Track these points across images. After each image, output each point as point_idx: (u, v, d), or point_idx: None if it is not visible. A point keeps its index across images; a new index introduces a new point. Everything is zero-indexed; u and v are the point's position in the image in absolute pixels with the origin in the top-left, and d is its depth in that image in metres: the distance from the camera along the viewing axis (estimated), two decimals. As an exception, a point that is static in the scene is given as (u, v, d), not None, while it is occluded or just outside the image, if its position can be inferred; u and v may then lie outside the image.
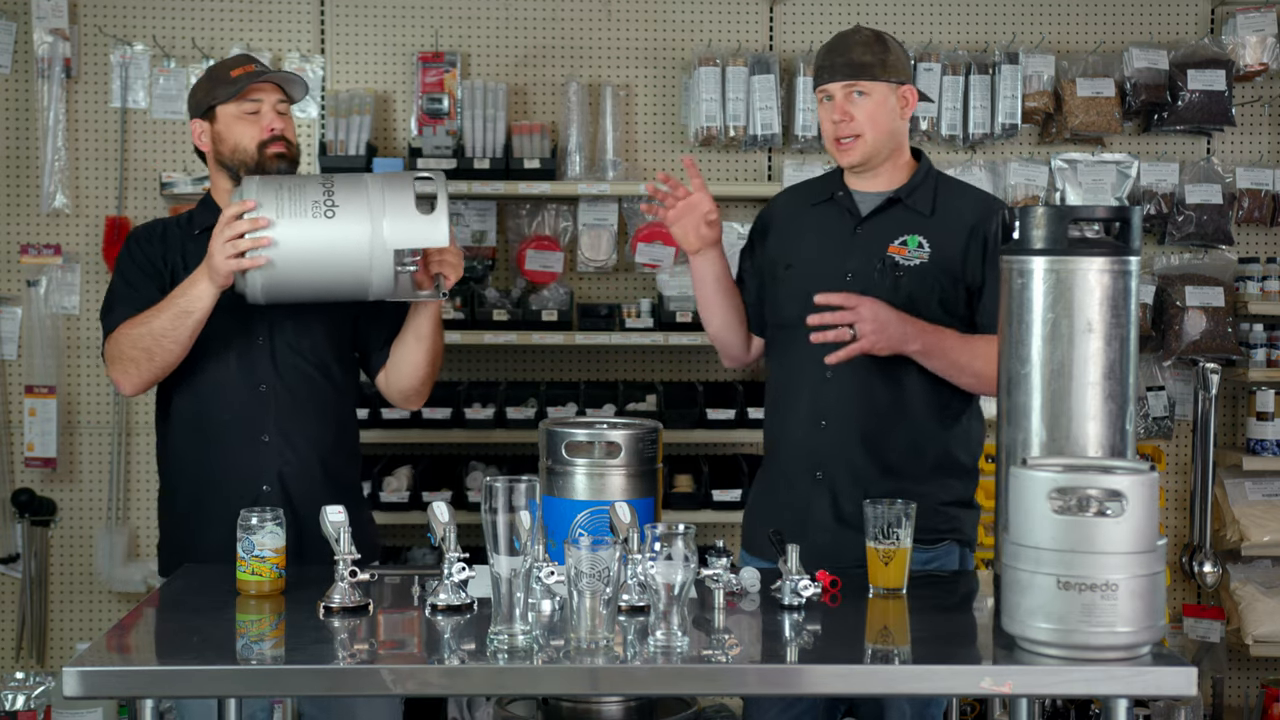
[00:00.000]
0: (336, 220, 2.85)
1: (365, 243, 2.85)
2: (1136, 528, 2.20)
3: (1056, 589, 2.21)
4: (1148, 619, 2.22)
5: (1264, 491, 4.76)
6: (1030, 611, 2.24)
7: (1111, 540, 2.19)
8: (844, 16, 4.74)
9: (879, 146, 2.99)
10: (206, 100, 3.08)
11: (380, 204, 2.87)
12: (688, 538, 2.24)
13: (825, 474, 2.98)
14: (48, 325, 4.62)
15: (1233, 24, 4.72)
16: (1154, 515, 2.23)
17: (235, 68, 3.09)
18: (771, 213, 3.19)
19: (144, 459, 4.67)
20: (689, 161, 3.10)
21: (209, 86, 3.09)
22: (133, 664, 2.33)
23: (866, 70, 2.97)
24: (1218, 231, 4.70)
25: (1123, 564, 2.20)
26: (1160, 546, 2.25)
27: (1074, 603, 2.20)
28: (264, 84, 3.06)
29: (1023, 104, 4.64)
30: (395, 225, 2.86)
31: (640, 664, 2.22)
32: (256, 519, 2.59)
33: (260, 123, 3.04)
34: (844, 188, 3.07)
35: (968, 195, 3.09)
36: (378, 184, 2.91)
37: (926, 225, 2.98)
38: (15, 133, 4.65)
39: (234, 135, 3.05)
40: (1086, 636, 2.21)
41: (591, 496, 2.90)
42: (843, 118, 2.97)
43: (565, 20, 4.73)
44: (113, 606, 4.69)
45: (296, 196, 2.87)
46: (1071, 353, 2.41)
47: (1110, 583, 2.19)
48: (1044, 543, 2.23)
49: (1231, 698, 4.86)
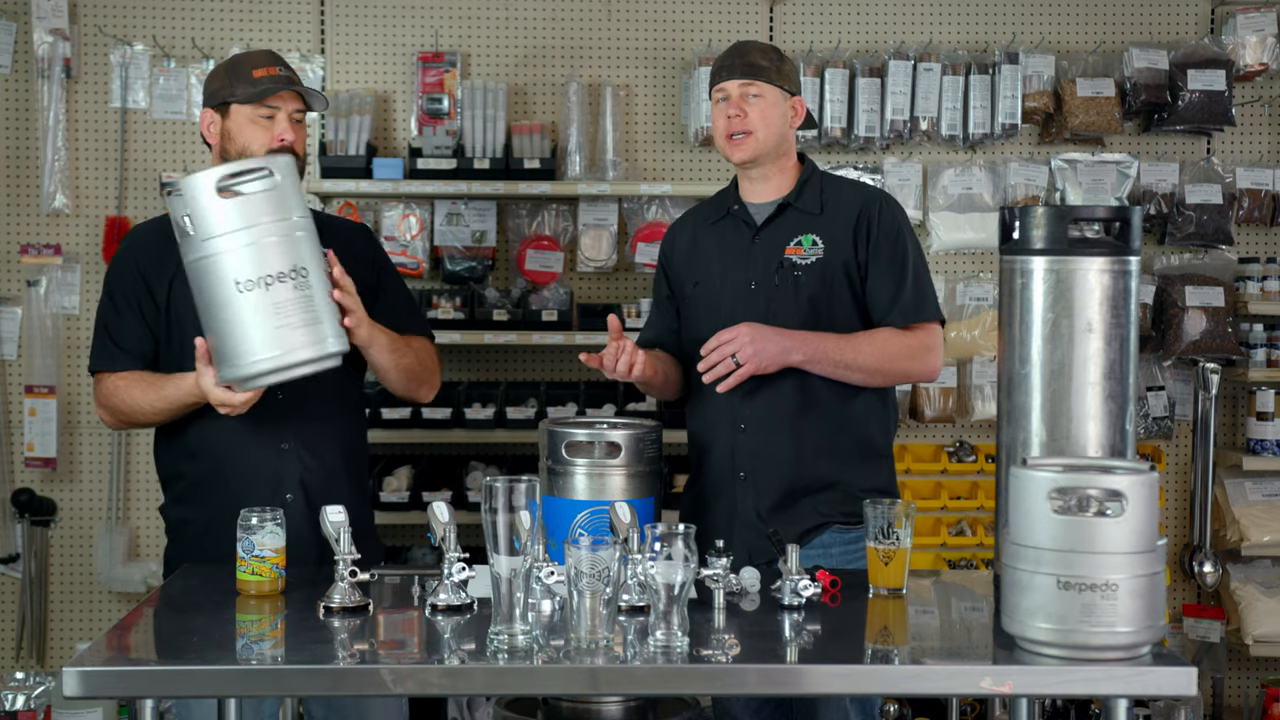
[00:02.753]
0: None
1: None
2: (1136, 528, 2.20)
3: (1056, 589, 2.22)
4: (1148, 619, 2.22)
5: (1264, 491, 4.76)
6: (1030, 611, 2.25)
7: (1111, 540, 2.20)
8: (844, 16, 4.74)
9: (768, 146, 3.11)
10: (223, 94, 3.00)
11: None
12: (688, 538, 2.24)
13: (747, 473, 3.08)
14: (48, 325, 4.62)
15: (1233, 24, 4.72)
16: (1154, 515, 2.24)
17: (259, 67, 3.00)
18: (674, 238, 3.32)
19: (144, 459, 4.67)
20: (613, 321, 3.10)
21: (228, 80, 3.01)
22: (133, 664, 2.33)
23: (763, 72, 3.10)
24: (1218, 231, 4.70)
25: (1123, 564, 2.20)
26: (1160, 546, 2.25)
27: (1074, 603, 2.21)
28: (285, 92, 2.99)
29: (1023, 104, 4.64)
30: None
31: (640, 664, 2.22)
32: (256, 519, 2.59)
33: (273, 129, 2.98)
34: (739, 201, 3.20)
35: (852, 189, 3.21)
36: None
37: (817, 223, 3.10)
38: (15, 133, 4.65)
39: (244, 136, 2.99)
40: (1086, 636, 2.21)
41: (591, 496, 2.91)
42: (737, 113, 3.08)
43: (565, 20, 4.73)
44: (113, 606, 4.69)
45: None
46: (1071, 353, 2.41)
47: (1110, 583, 2.19)
48: (1044, 543, 2.23)
49: (1231, 698, 4.86)
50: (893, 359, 3.03)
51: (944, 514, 4.64)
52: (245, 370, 2.75)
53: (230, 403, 2.81)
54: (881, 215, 3.08)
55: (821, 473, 3.05)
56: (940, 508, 4.60)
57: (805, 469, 3.06)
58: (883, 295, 3.05)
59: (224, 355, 2.77)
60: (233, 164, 2.79)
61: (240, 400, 2.80)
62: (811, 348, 3.00)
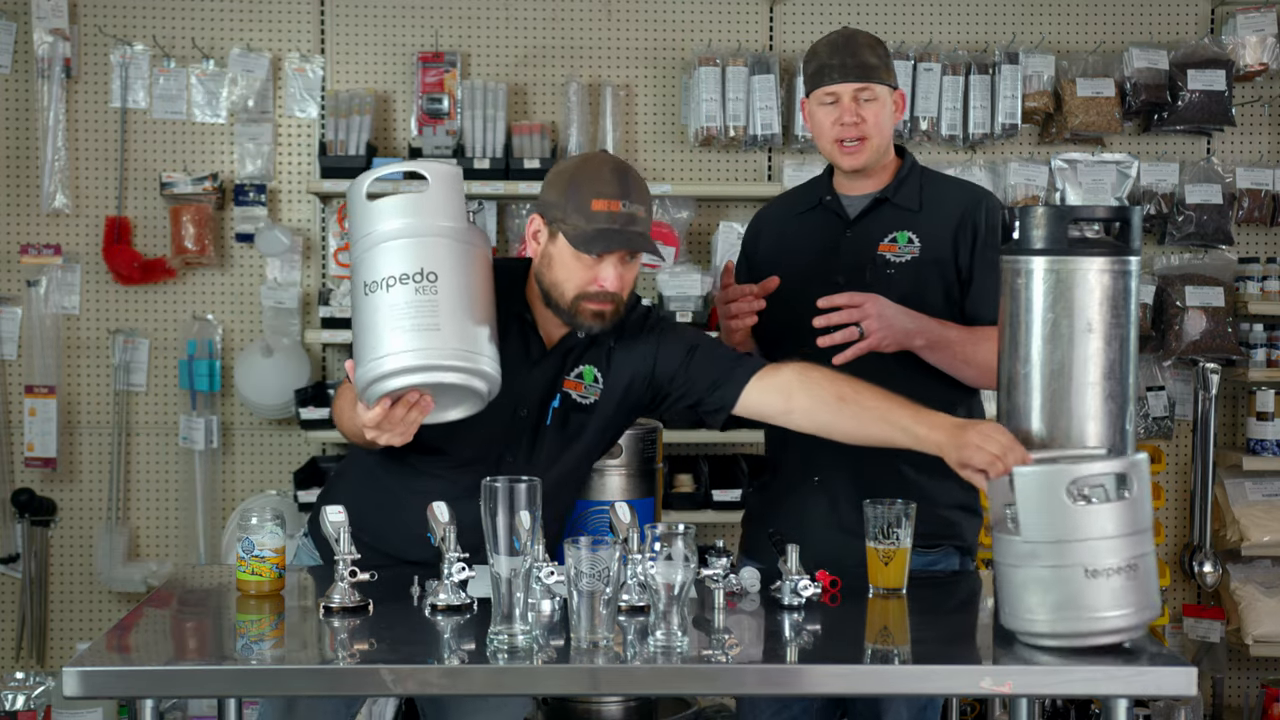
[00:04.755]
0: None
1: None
2: (1125, 511, 2.24)
3: (1050, 579, 2.24)
4: (1143, 599, 2.24)
5: (1264, 491, 4.76)
6: (1026, 604, 2.26)
7: (1102, 526, 2.23)
8: (844, 17, 4.74)
9: (881, 151, 2.96)
10: (555, 214, 2.65)
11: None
12: (688, 538, 2.24)
13: (823, 479, 2.95)
14: (48, 325, 4.62)
15: (1233, 24, 4.72)
16: (1143, 498, 2.26)
17: (600, 197, 2.61)
18: (760, 226, 3.17)
19: (144, 459, 4.67)
20: (730, 266, 2.98)
21: (564, 196, 2.63)
22: (133, 664, 2.32)
23: (875, 72, 2.93)
24: (1218, 231, 4.70)
25: (1115, 548, 2.23)
26: (1149, 526, 2.27)
27: (1068, 590, 2.23)
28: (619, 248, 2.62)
29: (1023, 104, 4.64)
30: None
31: (640, 664, 2.22)
32: (256, 519, 2.58)
33: (596, 271, 2.63)
34: (831, 192, 3.04)
35: (954, 187, 3.07)
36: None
37: (915, 221, 2.94)
38: (15, 133, 4.65)
39: (564, 269, 2.64)
40: (1084, 624, 2.23)
41: (591, 496, 2.91)
42: (855, 120, 2.90)
43: (565, 20, 4.73)
44: (113, 606, 4.69)
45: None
46: (1071, 353, 2.41)
47: (1105, 568, 2.22)
48: (1034, 535, 2.25)
49: (1231, 698, 4.86)
50: (995, 361, 2.77)
51: (944, 514, 4.63)
52: (358, 376, 2.50)
53: (365, 422, 2.50)
54: (989, 216, 2.93)
55: (901, 487, 2.81)
56: (940, 508, 4.60)
57: (884, 481, 2.83)
58: (989, 298, 2.79)
59: (356, 360, 2.55)
60: (384, 167, 2.63)
61: (370, 418, 2.48)
62: (935, 334, 2.84)
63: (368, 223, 2.53)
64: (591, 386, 2.75)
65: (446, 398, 2.52)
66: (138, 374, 4.65)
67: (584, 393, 2.74)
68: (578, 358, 2.76)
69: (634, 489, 2.92)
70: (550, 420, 2.74)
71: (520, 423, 2.73)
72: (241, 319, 4.69)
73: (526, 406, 2.73)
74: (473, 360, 2.49)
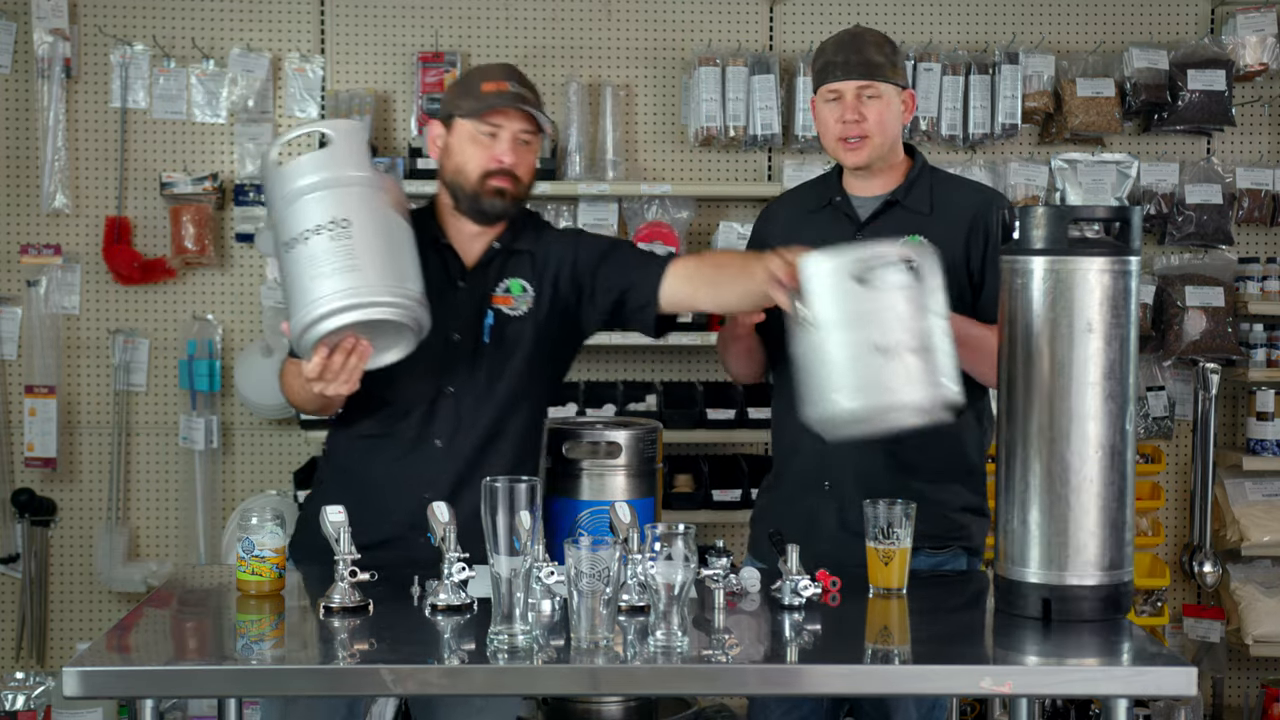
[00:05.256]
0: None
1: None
2: (914, 295, 2.39)
3: (844, 360, 2.38)
4: (936, 379, 2.38)
5: (1264, 491, 4.76)
6: (823, 390, 2.40)
7: (891, 304, 2.38)
8: (844, 16, 4.74)
9: (884, 149, 2.96)
10: (449, 107, 2.86)
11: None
12: (688, 538, 2.24)
13: (833, 483, 2.94)
14: (48, 325, 4.62)
15: (1233, 24, 4.72)
16: (934, 287, 2.41)
17: (489, 81, 2.83)
18: (768, 223, 3.16)
19: (144, 459, 4.67)
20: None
21: (456, 93, 2.87)
22: (133, 664, 2.32)
23: (879, 71, 2.93)
24: (1218, 231, 4.70)
25: (905, 327, 2.38)
26: (943, 314, 2.42)
27: (862, 369, 2.37)
28: (510, 110, 2.80)
29: (1023, 104, 4.64)
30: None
31: (640, 664, 2.22)
32: (256, 519, 2.58)
33: (493, 149, 2.80)
34: (841, 192, 3.04)
35: (965, 189, 3.07)
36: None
37: (926, 224, 2.93)
38: (15, 133, 4.65)
39: (463, 154, 2.82)
40: (881, 399, 2.37)
41: (591, 496, 2.91)
42: (856, 118, 2.91)
43: (565, 20, 4.73)
44: (113, 606, 4.69)
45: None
46: (1071, 353, 2.41)
47: (895, 345, 2.37)
48: (826, 317, 2.41)
49: (1231, 698, 4.86)
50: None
51: (944, 514, 4.64)
52: (291, 329, 2.60)
53: (307, 375, 2.59)
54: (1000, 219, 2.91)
55: (911, 491, 2.77)
56: (940, 508, 4.60)
57: (894, 485, 2.82)
58: (991, 298, 2.81)
59: (289, 316, 2.64)
60: (289, 133, 2.76)
61: (311, 369, 2.57)
62: (959, 328, 2.71)
63: (278, 186, 2.63)
64: (521, 297, 2.86)
65: (381, 338, 2.61)
66: (138, 374, 4.65)
67: (514, 305, 2.85)
68: (499, 272, 2.87)
69: (634, 489, 2.92)
70: (488, 339, 2.84)
71: (455, 348, 2.81)
72: (241, 319, 4.69)
73: (459, 330, 2.82)
74: (396, 293, 2.58)
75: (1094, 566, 2.41)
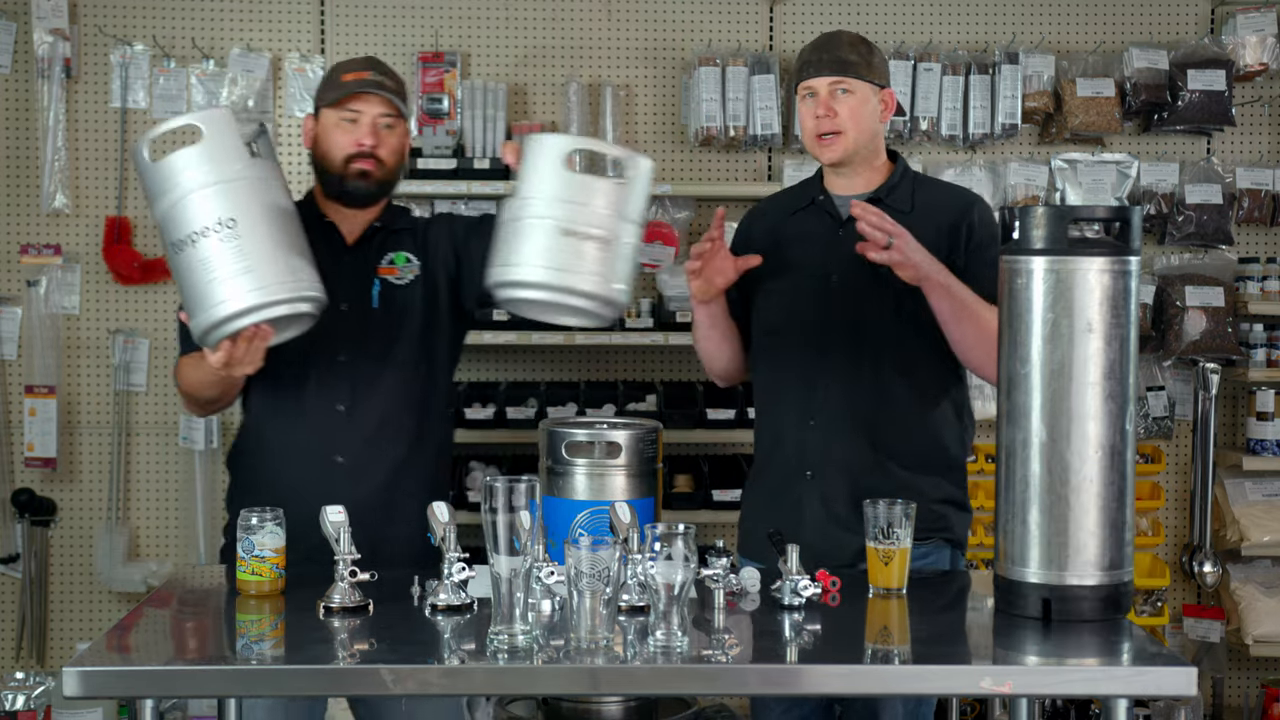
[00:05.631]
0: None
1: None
2: (613, 192, 2.54)
3: (557, 236, 2.50)
4: (610, 275, 2.53)
5: (1264, 491, 4.76)
6: (530, 255, 2.51)
7: (608, 200, 2.52)
8: (844, 16, 4.74)
9: (859, 145, 2.99)
10: (316, 101, 3.04)
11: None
12: (688, 538, 2.24)
13: (815, 473, 2.98)
14: (48, 325, 4.62)
15: (1233, 24, 4.72)
16: (638, 194, 2.58)
17: (349, 71, 2.99)
18: (751, 224, 3.20)
19: (144, 459, 4.67)
20: (720, 215, 3.02)
21: (321, 87, 3.05)
22: (133, 664, 2.33)
23: (852, 68, 2.98)
24: (1218, 231, 4.70)
25: (595, 218, 2.51)
26: (635, 221, 2.57)
27: (546, 243, 2.50)
28: (369, 94, 2.95)
29: (1023, 104, 4.64)
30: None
31: (640, 664, 2.22)
32: (256, 519, 2.58)
33: (354, 134, 2.95)
34: (824, 191, 3.08)
35: (946, 191, 3.13)
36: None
37: (907, 222, 2.93)
38: (15, 133, 4.65)
39: (328, 141, 2.97)
40: (576, 280, 2.50)
41: (591, 496, 2.91)
42: (826, 113, 2.97)
43: (565, 20, 4.73)
44: (113, 606, 4.69)
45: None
46: (1071, 353, 2.41)
47: (580, 232, 2.50)
48: (550, 194, 2.52)
49: (1231, 698, 4.86)
50: (994, 326, 2.75)
51: (944, 514, 4.63)
52: (193, 327, 2.68)
53: (213, 364, 2.70)
54: (982, 219, 2.99)
55: (891, 480, 2.90)
56: (940, 508, 4.60)
57: (875, 474, 2.92)
58: (985, 289, 2.84)
59: (189, 316, 2.71)
60: (158, 128, 2.76)
61: (216, 360, 2.68)
62: (950, 278, 2.87)
63: (157, 184, 2.68)
64: (406, 267, 3.03)
65: (281, 322, 2.72)
66: (138, 374, 4.65)
67: (400, 275, 3.02)
68: (382, 247, 3.05)
69: (634, 489, 2.92)
70: (377, 304, 3.00)
71: (344, 317, 2.95)
72: (241, 319, 4.69)
73: (345, 300, 2.96)
74: (292, 288, 2.67)
75: (1094, 566, 2.41)
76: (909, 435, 2.97)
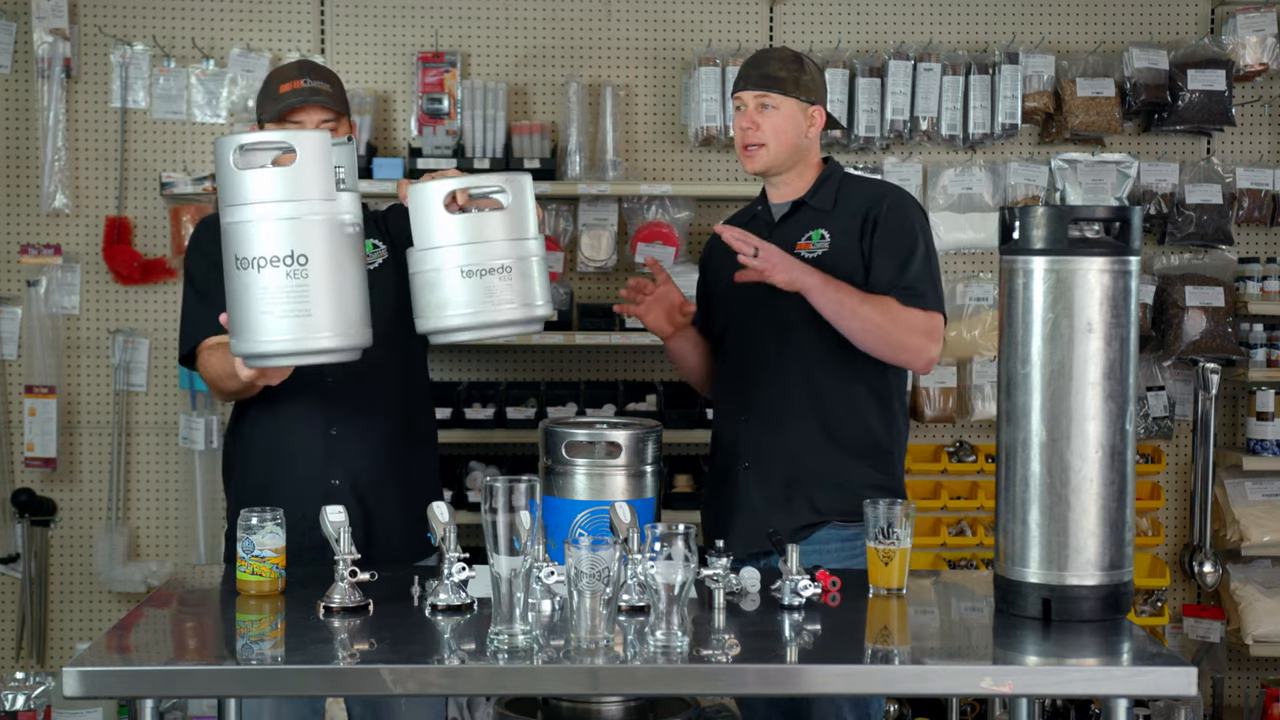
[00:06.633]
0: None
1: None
2: (514, 219, 2.64)
3: (461, 279, 2.62)
4: (540, 296, 2.69)
5: (1264, 491, 4.76)
6: (442, 304, 2.64)
7: (499, 229, 2.63)
8: (844, 16, 4.74)
9: (780, 158, 3.15)
10: (257, 114, 3.04)
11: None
12: (688, 538, 2.24)
13: (751, 463, 3.13)
14: (48, 325, 4.62)
15: (1233, 24, 4.72)
16: (525, 210, 2.68)
17: (285, 81, 2.99)
18: (711, 240, 3.38)
19: (144, 459, 4.67)
20: (652, 261, 3.29)
21: (260, 98, 3.04)
22: (133, 664, 2.33)
23: (778, 84, 3.13)
24: (1218, 231, 4.70)
25: (510, 249, 2.64)
26: (531, 235, 2.69)
27: (477, 288, 2.63)
28: (306, 105, 2.95)
29: (1023, 104, 4.64)
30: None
31: (640, 664, 2.22)
32: (256, 519, 2.59)
33: None
34: (764, 201, 3.27)
35: (868, 187, 3.25)
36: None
37: (827, 219, 3.14)
38: (15, 133, 4.65)
39: None
40: (494, 314, 2.63)
41: (591, 496, 2.91)
42: (750, 125, 3.13)
43: (565, 20, 4.73)
44: (113, 606, 4.69)
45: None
46: (1071, 353, 2.41)
47: (508, 264, 2.64)
48: (444, 242, 2.63)
49: (1231, 698, 4.86)
50: (893, 322, 2.99)
51: (944, 514, 4.64)
52: (234, 347, 2.63)
53: (244, 378, 2.70)
54: (890, 207, 3.10)
55: (821, 467, 3.08)
56: (940, 508, 4.60)
57: (805, 462, 3.09)
58: (884, 276, 3.04)
59: (231, 329, 2.66)
60: (261, 134, 2.67)
61: (247, 376, 2.67)
62: (823, 279, 2.99)
63: (236, 193, 2.54)
64: (373, 253, 3.08)
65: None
66: (138, 374, 4.65)
67: (370, 260, 2.99)
68: None
69: (634, 489, 2.92)
70: None
71: None
72: (241, 319, 4.69)
73: None
74: (342, 339, 2.62)
75: (1094, 566, 2.41)
76: (838, 424, 3.10)
